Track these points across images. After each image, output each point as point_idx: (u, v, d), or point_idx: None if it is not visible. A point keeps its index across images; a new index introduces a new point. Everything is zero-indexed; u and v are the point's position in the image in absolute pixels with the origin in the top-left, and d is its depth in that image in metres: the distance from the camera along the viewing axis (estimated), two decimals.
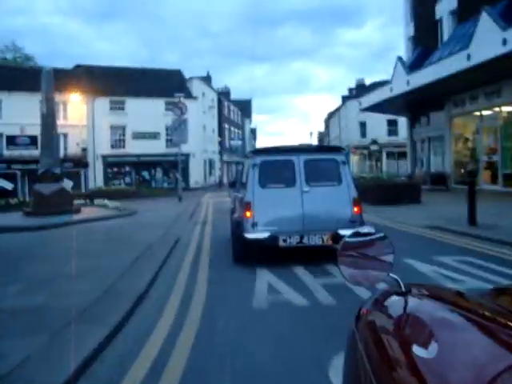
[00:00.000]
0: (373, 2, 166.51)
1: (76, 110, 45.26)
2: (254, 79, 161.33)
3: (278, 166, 8.67)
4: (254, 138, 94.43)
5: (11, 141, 43.49)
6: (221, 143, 60.82)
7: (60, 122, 46.57)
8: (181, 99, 29.05)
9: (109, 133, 47.22)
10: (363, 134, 61.71)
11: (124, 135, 47.89)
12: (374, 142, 56.84)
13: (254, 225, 8.21)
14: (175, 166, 51.83)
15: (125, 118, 47.14)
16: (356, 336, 1.67)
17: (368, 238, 1.93)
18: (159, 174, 49.61)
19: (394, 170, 50.99)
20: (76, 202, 25.01)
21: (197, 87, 51.47)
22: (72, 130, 45.04)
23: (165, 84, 49.32)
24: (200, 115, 51.80)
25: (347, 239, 1.93)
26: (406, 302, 1.63)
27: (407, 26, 32.39)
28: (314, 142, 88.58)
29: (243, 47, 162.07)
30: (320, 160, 8.79)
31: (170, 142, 48.98)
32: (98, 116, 46.14)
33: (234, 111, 73.14)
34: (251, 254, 8.73)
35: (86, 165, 45.99)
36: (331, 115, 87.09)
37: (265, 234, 8.13)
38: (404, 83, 25.76)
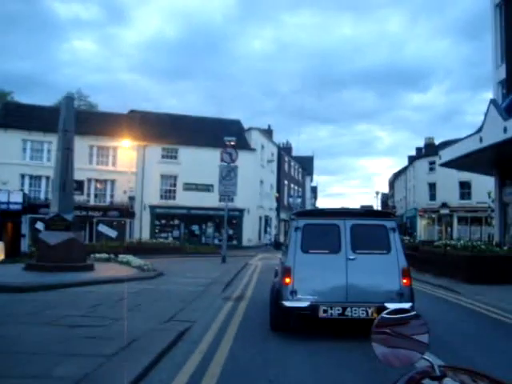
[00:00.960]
0: (439, 66, 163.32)
1: (126, 157, 42.66)
2: (316, 140, 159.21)
3: (322, 230, 8.22)
4: (315, 197, 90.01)
5: None
6: (278, 200, 56.71)
7: (109, 167, 44.55)
8: (231, 143, 25.23)
9: (159, 182, 44.20)
10: (432, 197, 56.95)
11: (175, 185, 44.72)
12: (445, 205, 53.24)
13: (294, 292, 7.70)
14: (229, 220, 48.53)
15: (177, 167, 44.10)
16: None
17: (403, 315, 1.92)
18: (210, 229, 45.83)
19: (465, 236, 46.29)
20: (98, 255, 21.43)
21: (256, 139, 48.11)
22: (120, 177, 42.37)
23: (221, 134, 46.10)
24: (257, 169, 48.18)
25: (383, 315, 1.92)
26: None
27: (497, 69, 27.73)
28: (378, 203, 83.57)
29: (308, 108, 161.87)
30: (368, 226, 8.28)
31: (223, 196, 45.66)
32: (149, 164, 43.31)
33: (295, 167, 69.42)
34: (289, 323, 8.22)
35: (132, 215, 42.86)
36: (397, 176, 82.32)
37: (304, 303, 7.59)
38: (499, 131, 20.82)
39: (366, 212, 9.63)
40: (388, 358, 1.83)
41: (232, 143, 25.11)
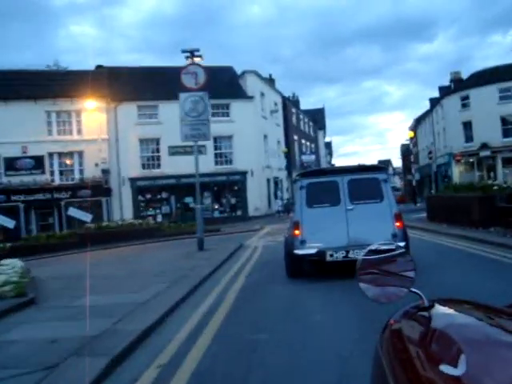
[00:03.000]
0: (444, 13, 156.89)
1: (94, 122, 34.29)
2: (325, 101, 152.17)
3: (323, 187, 9.22)
4: (330, 154, 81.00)
5: (10, 164, 33.04)
6: (289, 158, 48.02)
7: (73, 137, 36.05)
8: (193, 57, 16.42)
9: (138, 149, 35.90)
10: (469, 138, 48.49)
11: (158, 151, 36.37)
12: (485, 146, 46.04)
13: (303, 242, 8.84)
14: (230, 187, 40.34)
15: (158, 128, 35.65)
16: (380, 352, 1.68)
17: (389, 254, 1.94)
18: (207, 199, 37.59)
19: None
20: None
21: (253, 85, 39.26)
22: (89, 147, 34.12)
23: (210, 83, 37.55)
24: (259, 121, 39.52)
25: (364, 257, 1.96)
26: (429, 318, 1.62)
27: None
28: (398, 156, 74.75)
29: (313, 70, 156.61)
30: (362, 179, 9.23)
31: (220, 158, 37.30)
32: (123, 127, 34.96)
33: (305, 121, 60.57)
34: (302, 270, 9.33)
35: (108, 191, 34.75)
36: (419, 121, 73.27)
37: (312, 250, 8.72)
38: None
39: (361, 167, 10.13)
40: (377, 296, 1.88)
41: (196, 57, 16.28)
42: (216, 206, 37.78)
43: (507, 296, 2.13)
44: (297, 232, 8.84)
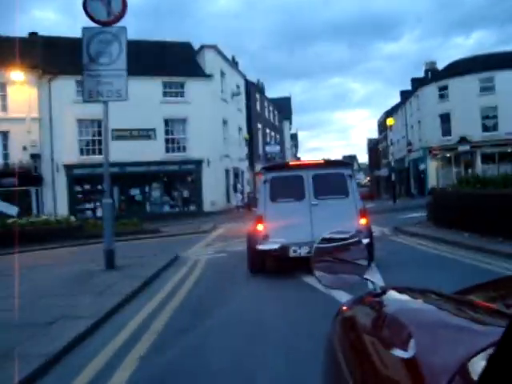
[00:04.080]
0: (410, 13, 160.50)
1: (22, 96, 29.08)
2: (291, 95, 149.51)
3: (287, 181, 9.09)
4: (296, 146, 76.72)
5: None
6: (251, 147, 43.48)
7: None
8: None
9: (76, 131, 30.82)
10: (446, 131, 45.23)
11: (100, 134, 31.32)
12: (464, 139, 42.90)
13: (266, 237, 8.64)
14: (183, 178, 35.58)
15: (100, 108, 30.59)
16: (333, 337, 1.68)
17: (342, 243, 2.01)
18: (156, 191, 32.83)
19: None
20: None
21: (212, 61, 34.47)
22: (16, 126, 28.88)
23: (164, 59, 32.81)
24: (218, 103, 34.87)
25: (319, 245, 2.02)
26: (380, 303, 1.66)
27: None
28: (365, 151, 71.37)
29: (279, 64, 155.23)
30: (328, 174, 9.12)
31: (172, 144, 32.63)
32: (59, 105, 29.85)
33: (270, 109, 56.15)
34: (264, 265, 9.08)
35: (38, 180, 29.65)
36: (390, 114, 69.87)
37: (275, 246, 8.54)
38: None
39: (326, 162, 9.83)
40: (331, 283, 1.96)
41: None
42: (166, 199, 32.99)
43: None
44: (260, 227, 8.73)
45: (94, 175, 30.94)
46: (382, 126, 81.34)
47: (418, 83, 52.46)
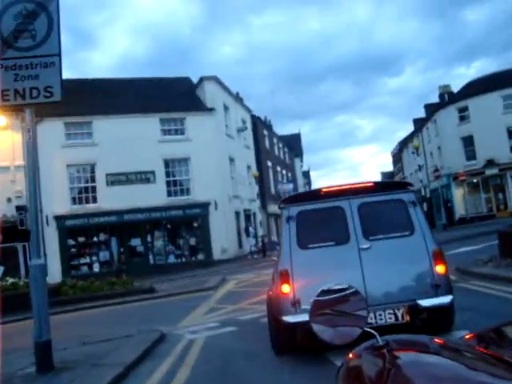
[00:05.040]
0: (410, 47, 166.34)
1: (5, 143, 26.21)
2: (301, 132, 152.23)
3: (321, 216, 6.32)
4: (309, 184, 73.31)
5: None
6: (262, 187, 40.13)
7: None
8: None
9: (66, 178, 27.69)
10: (470, 155, 42.09)
11: (94, 180, 28.24)
12: (491, 162, 39.83)
13: (296, 303, 5.73)
14: (189, 224, 32.16)
15: (93, 151, 27.67)
16: None
17: (341, 294, 1.94)
18: (160, 240, 29.41)
19: None
20: None
21: (214, 94, 31.42)
22: None
23: (161, 95, 29.99)
24: (222, 139, 31.76)
25: (318, 298, 1.96)
26: (384, 356, 1.63)
27: None
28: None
29: (286, 106, 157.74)
30: (380, 202, 6.37)
31: (174, 187, 29.51)
32: (46, 150, 26.63)
33: (279, 146, 53.16)
34: (295, 342, 6.21)
35: (26, 235, 26.27)
36: (404, 145, 66.86)
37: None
38: None
39: (377, 185, 6.84)
40: (331, 338, 1.89)
41: None
42: (171, 249, 29.51)
43: None
44: (285, 288, 5.82)
45: (89, 226, 27.85)
46: (396, 158, 78.54)
47: (432, 108, 49.49)
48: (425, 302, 5.66)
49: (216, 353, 6.75)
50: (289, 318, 5.72)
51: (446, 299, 5.70)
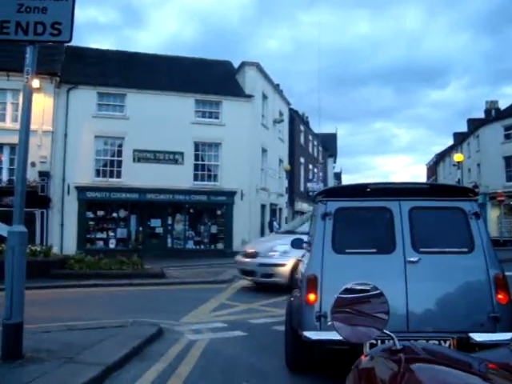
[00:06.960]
0: (458, 62, 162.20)
1: (36, 107, 25.40)
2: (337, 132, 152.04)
3: (364, 216, 5.32)
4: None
5: None
6: (292, 183, 38.89)
7: (6, 124, 27.83)
8: None
9: (93, 149, 26.94)
10: (511, 176, 40.21)
11: (120, 154, 27.46)
12: None
13: (322, 317, 4.66)
14: (212, 211, 31.23)
15: (123, 124, 26.88)
16: None
17: (364, 294, 1.91)
18: (180, 224, 28.50)
19: None
20: None
21: (253, 81, 30.33)
22: None
23: (199, 76, 29.03)
24: (257, 128, 30.64)
25: (340, 295, 1.92)
26: (400, 361, 1.60)
27: None
28: None
29: (325, 107, 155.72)
30: (436, 209, 5.28)
31: (202, 171, 28.55)
32: (76, 118, 26.17)
33: (314, 143, 51.80)
34: (314, 359, 5.25)
35: (46, 202, 25.78)
36: (441, 158, 64.92)
37: (339, 335, 2.38)
38: None
39: (433, 188, 5.94)
40: (350, 335, 1.86)
41: None
42: (191, 234, 28.57)
43: None
44: (312, 297, 4.74)
45: (110, 201, 27.08)
46: (431, 171, 76.40)
47: (476, 124, 47.46)
48: (479, 337, 4.63)
49: (217, 364, 5.61)
50: (311, 334, 4.71)
51: (506, 336, 4.56)
